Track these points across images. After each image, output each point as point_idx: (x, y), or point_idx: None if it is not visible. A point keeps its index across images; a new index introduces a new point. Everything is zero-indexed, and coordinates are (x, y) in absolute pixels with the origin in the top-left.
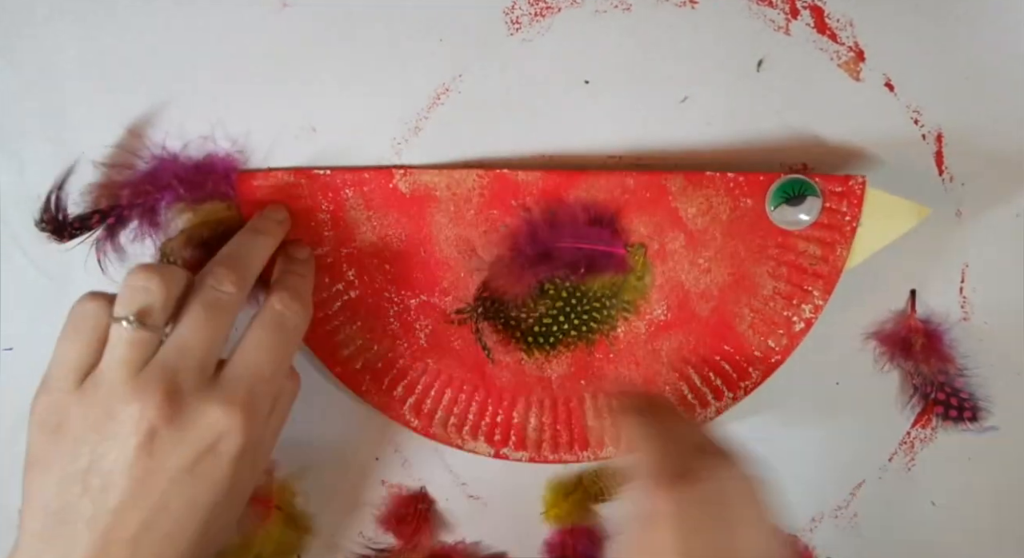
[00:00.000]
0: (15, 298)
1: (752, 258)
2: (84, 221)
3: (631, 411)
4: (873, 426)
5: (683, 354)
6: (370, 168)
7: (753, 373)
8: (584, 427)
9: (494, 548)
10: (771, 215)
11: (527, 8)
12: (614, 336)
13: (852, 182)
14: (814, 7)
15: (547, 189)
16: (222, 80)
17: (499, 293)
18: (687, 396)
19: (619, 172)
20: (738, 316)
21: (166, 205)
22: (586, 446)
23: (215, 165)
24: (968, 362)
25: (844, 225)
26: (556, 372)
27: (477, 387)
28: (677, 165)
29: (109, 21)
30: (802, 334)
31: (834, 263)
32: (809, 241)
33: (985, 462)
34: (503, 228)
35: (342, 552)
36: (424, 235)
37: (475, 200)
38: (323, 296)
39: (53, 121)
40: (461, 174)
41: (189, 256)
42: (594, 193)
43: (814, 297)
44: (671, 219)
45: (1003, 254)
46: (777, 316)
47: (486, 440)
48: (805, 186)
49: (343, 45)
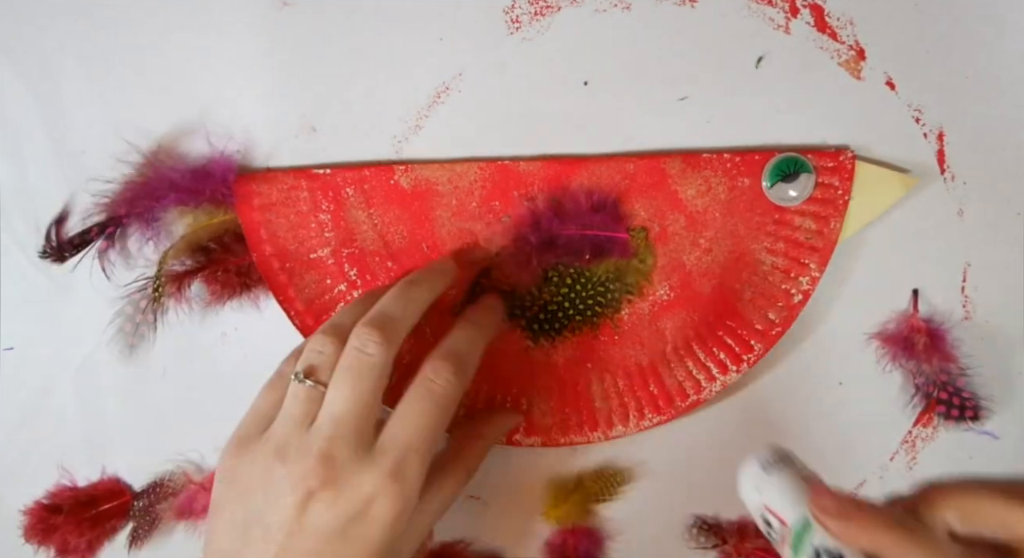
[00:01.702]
0: (15, 298)
1: (751, 235)
2: (84, 236)
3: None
4: (875, 425)
5: (686, 332)
6: (370, 165)
7: (755, 346)
8: (593, 409)
9: (494, 548)
10: (767, 193)
11: (527, 7)
12: (618, 318)
13: (842, 157)
14: (814, 6)
15: (549, 178)
16: (222, 79)
17: (504, 283)
18: (692, 372)
19: (619, 158)
20: (739, 292)
21: (165, 211)
22: (596, 426)
23: (212, 170)
24: (970, 361)
25: (837, 199)
26: (562, 357)
27: (485, 376)
28: None
29: (109, 21)
30: (800, 306)
31: (829, 236)
32: (804, 216)
33: (986, 462)
34: (506, 219)
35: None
36: (426, 230)
37: (477, 192)
38: (325, 298)
39: (53, 121)
40: (463, 167)
41: (191, 262)
42: (595, 180)
43: (811, 269)
44: (671, 202)
45: (1005, 253)
46: (776, 289)
47: None
48: (799, 163)
49: (343, 44)
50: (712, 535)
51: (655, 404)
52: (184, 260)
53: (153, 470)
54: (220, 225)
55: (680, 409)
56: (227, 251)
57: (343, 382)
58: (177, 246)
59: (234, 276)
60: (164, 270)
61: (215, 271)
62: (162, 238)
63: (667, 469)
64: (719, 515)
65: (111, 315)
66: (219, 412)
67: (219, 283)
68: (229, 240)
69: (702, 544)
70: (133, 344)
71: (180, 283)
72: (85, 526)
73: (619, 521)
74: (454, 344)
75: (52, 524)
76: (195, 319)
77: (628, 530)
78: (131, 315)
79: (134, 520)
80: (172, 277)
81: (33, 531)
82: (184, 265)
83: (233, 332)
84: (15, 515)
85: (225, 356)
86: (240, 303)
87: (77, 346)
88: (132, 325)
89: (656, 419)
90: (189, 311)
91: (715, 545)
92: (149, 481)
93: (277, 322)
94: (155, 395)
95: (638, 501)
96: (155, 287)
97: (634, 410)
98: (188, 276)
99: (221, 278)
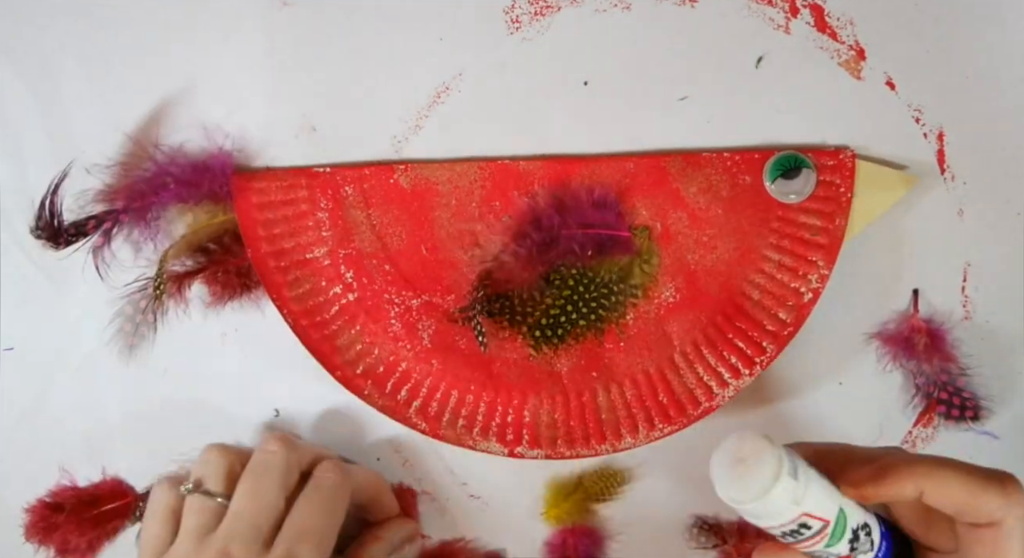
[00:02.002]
0: (15, 298)
1: (755, 232)
2: (80, 227)
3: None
4: (875, 426)
5: (695, 335)
6: (370, 164)
7: (768, 347)
8: (599, 420)
9: (494, 547)
10: (769, 189)
11: (527, 7)
12: (623, 323)
13: (842, 155)
14: (814, 6)
15: (550, 177)
16: (222, 79)
17: (505, 284)
18: (703, 377)
19: (620, 157)
20: (746, 291)
21: (163, 207)
22: (603, 439)
23: (212, 166)
24: (970, 361)
25: (840, 196)
26: (566, 366)
27: (485, 386)
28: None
29: (109, 20)
30: (811, 304)
31: (834, 233)
32: (808, 213)
33: (986, 462)
34: (506, 219)
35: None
36: (425, 231)
37: (477, 192)
38: (320, 300)
39: (53, 121)
40: (463, 167)
41: (191, 262)
42: (596, 178)
43: (819, 267)
44: (673, 200)
45: (1005, 253)
46: (785, 288)
47: (498, 440)
48: (799, 160)
49: (343, 44)
50: (712, 535)
51: (665, 414)
52: (184, 260)
53: (153, 470)
54: (220, 226)
55: (692, 417)
56: (227, 252)
57: (248, 482)
58: (177, 246)
59: (234, 277)
60: (165, 270)
61: (215, 272)
62: (161, 238)
63: (667, 469)
64: (719, 515)
65: (111, 315)
66: (219, 412)
67: (219, 284)
68: (229, 241)
69: (702, 544)
70: (133, 344)
71: (180, 284)
72: (87, 526)
73: (619, 521)
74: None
75: (53, 523)
76: (195, 319)
77: (628, 530)
78: (131, 315)
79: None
80: (172, 278)
81: (34, 530)
82: (184, 266)
83: (233, 333)
84: (15, 515)
85: (225, 356)
86: (241, 304)
87: (77, 346)
88: (132, 325)
89: (667, 429)
90: (189, 312)
91: (715, 545)
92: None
93: (277, 323)
94: (155, 395)
95: (638, 501)
96: (156, 287)
97: (643, 421)
98: (188, 277)
99: (221, 279)
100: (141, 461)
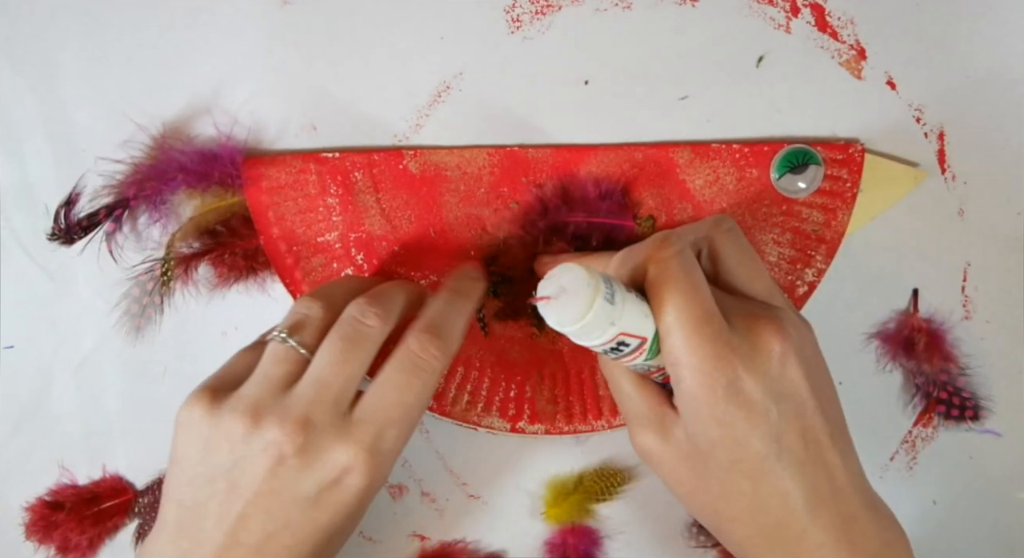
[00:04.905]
0: (15, 297)
1: (758, 226)
2: (92, 218)
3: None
4: (875, 425)
5: None
6: (379, 150)
7: None
8: (596, 396)
9: (494, 548)
10: (776, 184)
11: (528, 6)
12: None
13: (852, 150)
14: (815, 5)
15: (557, 165)
16: (223, 79)
17: (511, 270)
18: None
19: (627, 147)
20: None
21: (173, 192)
22: (599, 415)
23: (221, 153)
24: (970, 361)
25: (845, 191)
26: (567, 344)
27: (491, 364)
28: None
29: (110, 19)
30: (806, 297)
31: (836, 228)
32: (812, 208)
33: (986, 462)
34: (514, 205)
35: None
36: (434, 215)
37: (486, 178)
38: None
39: (54, 120)
40: (472, 153)
41: (198, 244)
42: (603, 168)
43: (817, 261)
44: (679, 191)
45: (1005, 253)
46: (782, 281)
47: (500, 415)
48: (808, 155)
49: (344, 43)
50: (712, 535)
51: None
52: (191, 243)
53: (152, 468)
54: (228, 208)
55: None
56: (234, 234)
57: (336, 348)
58: (185, 228)
59: (241, 259)
60: (172, 252)
61: (222, 254)
62: (170, 220)
63: None
64: None
65: (112, 314)
66: None
67: (226, 266)
68: (236, 223)
69: (702, 543)
70: (140, 326)
71: (187, 265)
72: (87, 523)
73: (619, 521)
74: (438, 315)
75: (53, 521)
76: (196, 317)
77: (628, 530)
78: (138, 297)
79: (139, 517)
80: (179, 259)
81: (35, 528)
82: (191, 247)
83: (233, 331)
84: (15, 514)
85: (225, 355)
86: (246, 286)
87: (77, 345)
88: (139, 307)
89: None
90: (196, 294)
91: (715, 544)
92: (154, 478)
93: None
94: (155, 394)
95: (638, 501)
96: (163, 269)
97: None
98: (195, 259)
99: (228, 261)
100: (141, 459)
